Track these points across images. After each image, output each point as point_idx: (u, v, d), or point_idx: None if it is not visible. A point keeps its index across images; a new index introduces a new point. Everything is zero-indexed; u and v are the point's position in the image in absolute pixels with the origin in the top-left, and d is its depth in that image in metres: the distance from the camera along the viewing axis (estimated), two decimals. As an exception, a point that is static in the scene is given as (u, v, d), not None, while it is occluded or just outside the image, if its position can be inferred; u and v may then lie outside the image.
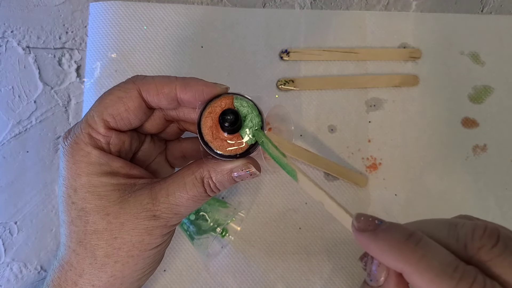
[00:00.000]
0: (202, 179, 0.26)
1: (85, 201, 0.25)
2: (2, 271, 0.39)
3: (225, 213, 0.39)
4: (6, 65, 0.42)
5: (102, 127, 0.26)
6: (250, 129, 0.25)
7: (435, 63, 0.44)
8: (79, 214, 0.26)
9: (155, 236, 0.26)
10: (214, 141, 0.25)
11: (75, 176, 0.25)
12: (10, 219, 0.40)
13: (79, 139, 0.26)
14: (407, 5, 0.45)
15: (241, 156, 0.25)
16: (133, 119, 0.26)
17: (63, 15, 0.43)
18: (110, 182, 0.26)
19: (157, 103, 0.26)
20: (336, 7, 0.45)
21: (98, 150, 0.26)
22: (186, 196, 0.26)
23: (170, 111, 0.28)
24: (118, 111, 0.26)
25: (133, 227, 0.25)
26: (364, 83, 0.43)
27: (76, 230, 0.26)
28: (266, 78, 0.43)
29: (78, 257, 0.26)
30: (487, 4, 0.46)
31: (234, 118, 0.24)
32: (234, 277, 0.39)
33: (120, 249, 0.26)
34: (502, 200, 0.42)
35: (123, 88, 0.26)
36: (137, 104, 0.26)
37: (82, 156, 0.25)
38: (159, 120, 0.29)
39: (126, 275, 0.26)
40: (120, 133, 0.27)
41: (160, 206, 0.26)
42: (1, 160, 0.41)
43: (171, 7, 0.43)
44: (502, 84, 0.44)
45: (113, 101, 0.26)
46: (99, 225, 0.25)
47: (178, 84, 0.26)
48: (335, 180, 0.41)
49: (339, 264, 0.40)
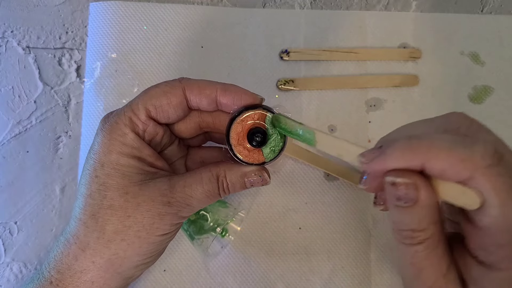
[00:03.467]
0: (218, 176, 0.28)
1: (109, 176, 0.27)
2: (2, 271, 0.39)
3: (225, 213, 0.39)
4: (6, 65, 0.42)
5: (144, 114, 0.28)
6: (272, 148, 0.28)
7: (435, 63, 0.44)
8: (99, 188, 0.27)
9: (165, 222, 0.27)
10: (238, 146, 0.28)
11: (107, 151, 0.27)
12: (10, 219, 0.40)
13: (120, 119, 0.27)
14: (407, 5, 0.45)
15: (256, 165, 0.28)
16: (172, 114, 0.28)
17: (63, 15, 0.43)
18: (136, 165, 0.27)
19: (198, 103, 0.28)
20: (336, 7, 0.45)
21: (134, 134, 0.28)
22: (201, 190, 0.28)
23: (207, 117, 0.30)
24: (161, 103, 0.28)
25: (147, 209, 0.27)
26: (364, 83, 0.43)
27: (92, 203, 0.27)
28: (266, 78, 0.43)
29: (87, 230, 0.27)
30: (487, 4, 0.46)
31: (262, 139, 0.27)
32: (234, 277, 0.39)
33: (130, 227, 0.27)
34: (502, 200, 0.42)
35: (170, 84, 0.28)
36: (179, 100, 0.28)
37: (119, 135, 0.27)
38: (194, 125, 0.31)
39: (127, 256, 0.27)
40: (157, 124, 0.29)
41: (176, 194, 0.27)
42: (1, 160, 0.41)
43: (171, 7, 0.43)
44: (502, 84, 0.44)
45: (158, 93, 0.28)
46: (116, 201, 0.27)
47: (219, 87, 0.28)
48: (335, 180, 0.41)
49: (339, 264, 0.40)
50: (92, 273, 0.27)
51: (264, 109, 0.28)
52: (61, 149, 0.41)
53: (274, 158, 0.28)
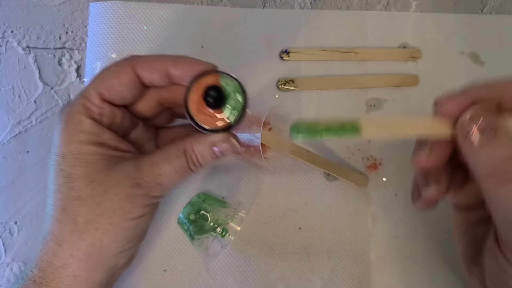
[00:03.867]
0: (185, 150, 0.27)
1: (72, 167, 0.26)
2: (2, 271, 0.39)
3: (225, 213, 0.39)
4: (6, 65, 0.42)
5: (97, 98, 0.27)
6: (233, 107, 0.27)
7: (435, 63, 0.44)
8: (65, 181, 0.26)
9: (136, 205, 0.27)
10: (199, 115, 0.27)
11: (66, 143, 0.26)
12: (10, 219, 0.40)
13: (74, 109, 0.27)
14: (407, 5, 0.45)
15: (223, 131, 0.27)
16: (126, 93, 0.28)
17: (63, 15, 0.43)
18: (98, 151, 0.27)
19: (149, 78, 0.28)
20: (336, 7, 0.45)
21: (90, 120, 0.27)
22: (169, 167, 0.27)
23: (164, 93, 0.30)
24: (113, 84, 0.27)
25: (116, 193, 0.26)
26: (364, 83, 0.43)
27: (61, 197, 0.26)
28: (266, 78, 0.43)
29: (60, 224, 0.27)
30: (487, 4, 0.46)
31: (217, 94, 0.26)
32: (234, 277, 0.39)
33: (101, 215, 0.26)
34: (502, 200, 0.42)
35: (119, 64, 0.28)
36: (130, 78, 0.27)
37: (75, 124, 0.27)
38: (152, 103, 0.30)
39: (105, 245, 0.27)
40: (113, 107, 0.28)
41: (143, 174, 0.27)
42: (1, 160, 0.41)
43: (171, 7, 0.43)
44: (502, 84, 0.44)
45: (108, 75, 0.27)
46: (83, 191, 0.26)
47: (169, 60, 0.27)
48: (335, 180, 0.41)
49: (339, 264, 0.40)
50: (73, 266, 0.27)
51: (217, 73, 0.27)
52: (61, 149, 0.41)
53: (239, 119, 0.27)
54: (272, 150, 0.40)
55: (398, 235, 0.41)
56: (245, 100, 0.27)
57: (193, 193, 0.40)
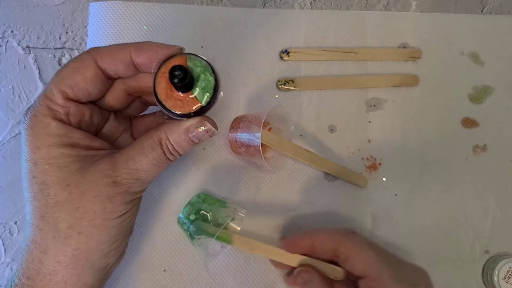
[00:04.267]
0: (160, 141, 0.26)
1: (46, 173, 0.25)
2: (2, 271, 0.39)
3: (225, 213, 0.39)
4: (6, 65, 0.42)
5: (60, 98, 0.26)
6: (203, 88, 0.25)
7: (435, 63, 0.44)
8: (40, 188, 0.25)
9: (117, 204, 0.26)
10: (169, 101, 0.25)
11: (35, 149, 0.25)
12: (10, 219, 0.40)
13: (37, 111, 0.26)
14: (407, 5, 0.45)
15: (196, 115, 0.26)
16: (91, 89, 0.26)
17: (63, 15, 0.43)
18: (69, 153, 0.26)
19: (114, 70, 0.26)
20: (336, 7, 0.45)
21: (57, 122, 0.26)
22: (146, 160, 0.26)
23: (131, 82, 0.28)
24: (75, 81, 0.26)
25: (94, 195, 0.25)
26: (364, 83, 0.43)
27: (39, 205, 0.26)
28: (266, 78, 0.43)
29: (42, 232, 0.26)
30: (487, 4, 0.46)
31: (182, 75, 0.24)
32: (234, 277, 0.39)
33: (82, 219, 0.25)
34: (502, 200, 0.42)
35: (79, 59, 0.26)
36: (93, 72, 0.26)
37: (41, 128, 0.25)
38: (121, 94, 0.29)
39: (91, 248, 0.26)
40: (79, 105, 0.27)
41: (120, 172, 0.26)
42: (1, 160, 0.41)
43: (171, 7, 0.43)
44: (502, 84, 0.44)
45: (69, 72, 0.26)
46: (60, 196, 0.25)
47: (132, 48, 0.26)
48: (335, 180, 0.41)
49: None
50: (62, 272, 0.26)
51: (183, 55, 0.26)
52: (61, 149, 0.41)
53: (211, 101, 0.25)
54: (272, 150, 0.40)
55: (398, 235, 0.41)
56: (216, 81, 0.25)
57: (193, 193, 0.40)
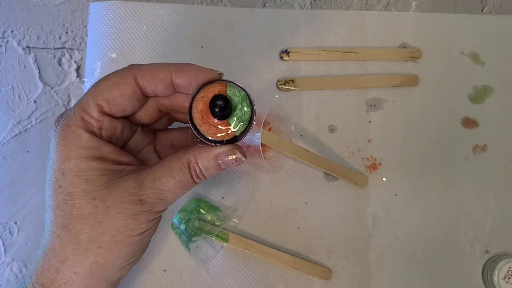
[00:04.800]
0: (189, 164, 0.26)
1: (73, 185, 0.25)
2: (2, 271, 0.39)
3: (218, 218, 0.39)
4: (6, 65, 0.42)
5: (96, 111, 0.26)
6: (239, 118, 0.25)
7: (435, 63, 0.44)
8: (65, 198, 0.25)
9: (140, 221, 0.26)
10: (203, 125, 0.25)
11: (64, 159, 0.25)
12: (10, 219, 0.40)
13: (71, 121, 0.25)
14: (407, 5, 0.45)
15: (228, 143, 0.26)
16: (127, 106, 0.26)
17: (63, 15, 0.43)
18: (98, 166, 0.26)
19: (153, 89, 0.26)
20: (336, 7, 0.45)
21: (89, 134, 0.26)
22: (173, 182, 0.26)
23: (164, 100, 0.28)
24: (113, 96, 0.26)
25: (118, 212, 0.25)
26: (364, 83, 0.43)
27: (62, 214, 0.25)
28: (266, 78, 0.43)
29: (62, 242, 0.26)
30: (487, 4, 0.46)
31: (224, 104, 0.24)
32: (234, 277, 0.39)
33: (104, 233, 0.25)
34: (502, 200, 0.42)
35: (119, 75, 0.26)
36: (132, 90, 0.26)
37: (73, 139, 0.25)
38: (152, 110, 0.29)
39: (108, 262, 0.26)
40: (113, 119, 0.27)
41: (146, 191, 0.26)
42: (1, 160, 0.41)
43: (171, 7, 0.43)
44: (502, 84, 0.44)
45: (108, 86, 0.26)
46: (85, 209, 0.25)
47: (174, 69, 0.26)
48: (335, 180, 0.41)
49: (339, 264, 0.40)
50: (77, 283, 0.26)
51: (223, 81, 0.26)
52: (61, 149, 0.41)
53: (245, 131, 0.26)
54: (272, 150, 0.40)
55: (398, 235, 0.41)
56: (252, 112, 0.26)
57: (192, 192, 0.40)
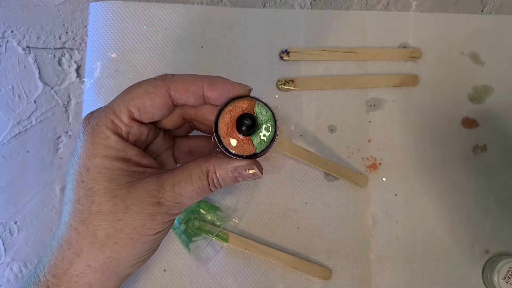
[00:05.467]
0: (208, 172, 0.28)
1: (95, 181, 0.26)
2: (2, 271, 0.39)
3: (218, 218, 0.39)
4: (6, 65, 0.42)
5: (126, 116, 0.27)
6: (262, 137, 0.27)
7: (435, 63, 0.44)
8: (86, 194, 0.26)
9: (156, 222, 0.27)
10: (227, 138, 0.26)
11: (91, 156, 0.26)
12: (10, 219, 0.40)
13: (101, 122, 0.27)
14: (407, 5, 0.45)
15: (247, 158, 0.27)
16: (156, 114, 0.28)
17: (63, 15, 0.43)
18: (122, 167, 0.27)
19: (184, 100, 0.28)
20: (336, 7, 0.45)
21: (117, 137, 0.27)
22: (191, 188, 0.27)
23: (190, 110, 0.30)
24: (144, 104, 0.27)
25: (137, 211, 0.26)
26: (364, 83, 0.43)
27: (81, 209, 0.26)
28: (266, 78, 0.43)
29: (79, 235, 0.27)
30: (487, 4, 0.46)
31: (251, 123, 0.25)
32: (234, 277, 0.39)
33: (121, 231, 0.26)
34: (502, 200, 0.42)
35: (153, 84, 0.27)
36: (163, 100, 0.27)
37: (102, 138, 0.26)
38: (177, 118, 0.30)
39: (122, 258, 0.27)
40: (141, 125, 0.28)
41: (165, 194, 0.27)
42: (1, 160, 0.41)
43: (171, 7, 0.43)
44: (502, 84, 0.44)
45: (141, 94, 0.27)
46: (105, 206, 0.26)
47: (206, 82, 0.27)
48: (335, 180, 0.41)
49: (339, 264, 0.40)
50: (89, 276, 0.27)
51: (253, 98, 0.27)
52: (61, 149, 0.41)
53: (266, 149, 0.27)
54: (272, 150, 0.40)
55: (398, 235, 0.41)
56: (275, 132, 0.27)
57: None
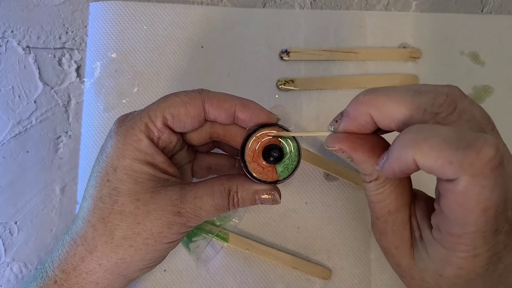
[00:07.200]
0: (230, 191, 0.29)
1: (121, 182, 0.27)
2: (2, 271, 0.39)
3: (218, 219, 0.39)
4: (6, 65, 0.42)
5: (160, 122, 0.28)
6: (285, 166, 0.28)
7: (435, 63, 0.44)
8: (110, 193, 0.27)
9: (173, 231, 0.28)
10: (252, 163, 0.28)
11: (120, 156, 0.27)
12: (10, 219, 0.40)
13: (136, 125, 0.27)
14: (407, 5, 0.45)
15: (269, 183, 0.29)
16: (188, 124, 0.28)
17: (63, 15, 0.43)
18: (149, 171, 0.27)
19: (216, 116, 0.29)
20: (336, 7, 0.45)
21: (149, 140, 0.27)
22: (211, 203, 0.28)
23: (219, 129, 0.31)
24: (179, 113, 0.28)
25: (157, 217, 0.27)
26: (364, 83, 0.43)
27: (102, 206, 0.27)
28: (266, 78, 0.43)
29: (95, 232, 0.27)
30: (487, 4, 0.46)
31: (278, 156, 0.27)
32: (234, 277, 0.39)
33: (139, 234, 0.27)
34: (502, 200, 0.42)
35: (189, 95, 0.28)
36: (197, 112, 0.28)
37: (134, 140, 0.27)
38: (205, 135, 0.31)
39: (133, 261, 0.28)
40: (172, 133, 0.29)
41: (186, 205, 0.28)
42: (1, 160, 0.41)
43: (171, 7, 0.43)
44: (502, 84, 0.44)
45: (177, 102, 0.28)
46: (127, 207, 0.27)
47: (239, 102, 0.28)
48: (335, 180, 0.41)
49: (339, 264, 0.40)
50: (98, 274, 0.27)
51: (280, 127, 0.28)
52: (61, 149, 0.41)
53: (288, 177, 0.28)
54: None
55: (398, 235, 0.41)
56: (298, 162, 0.28)
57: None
